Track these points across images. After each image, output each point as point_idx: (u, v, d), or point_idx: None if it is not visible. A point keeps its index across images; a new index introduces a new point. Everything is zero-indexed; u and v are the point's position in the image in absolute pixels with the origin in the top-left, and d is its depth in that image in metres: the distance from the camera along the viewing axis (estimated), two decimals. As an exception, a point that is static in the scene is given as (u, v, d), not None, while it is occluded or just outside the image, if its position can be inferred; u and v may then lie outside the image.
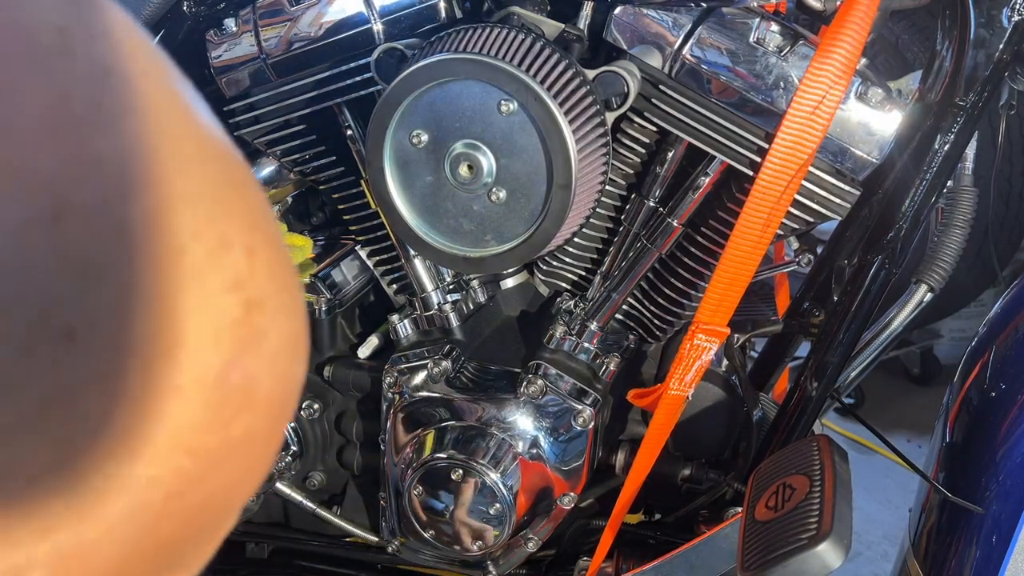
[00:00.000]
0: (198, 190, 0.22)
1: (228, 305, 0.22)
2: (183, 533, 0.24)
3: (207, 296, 0.22)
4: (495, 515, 1.07)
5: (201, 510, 0.24)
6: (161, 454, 0.21)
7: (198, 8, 1.10)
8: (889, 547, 1.96)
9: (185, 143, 0.23)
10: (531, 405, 1.07)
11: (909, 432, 2.27)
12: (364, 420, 1.24)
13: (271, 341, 0.23)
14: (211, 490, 0.23)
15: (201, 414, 0.22)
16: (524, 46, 0.92)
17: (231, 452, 0.23)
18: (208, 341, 0.22)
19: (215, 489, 0.24)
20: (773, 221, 0.93)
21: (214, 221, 0.22)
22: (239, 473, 0.24)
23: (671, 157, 1.02)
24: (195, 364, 0.21)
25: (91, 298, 0.20)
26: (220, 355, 0.22)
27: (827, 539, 0.81)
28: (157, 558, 0.23)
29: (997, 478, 0.86)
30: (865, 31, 0.88)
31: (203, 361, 0.22)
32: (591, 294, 1.11)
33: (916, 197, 0.98)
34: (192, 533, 0.24)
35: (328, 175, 1.16)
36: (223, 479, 0.24)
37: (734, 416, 1.12)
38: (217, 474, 0.23)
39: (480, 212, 0.97)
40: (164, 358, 0.21)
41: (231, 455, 0.23)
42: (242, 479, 0.25)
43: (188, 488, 0.22)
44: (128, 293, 0.20)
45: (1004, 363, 0.94)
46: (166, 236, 0.21)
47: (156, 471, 0.21)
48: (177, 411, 0.21)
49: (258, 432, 0.24)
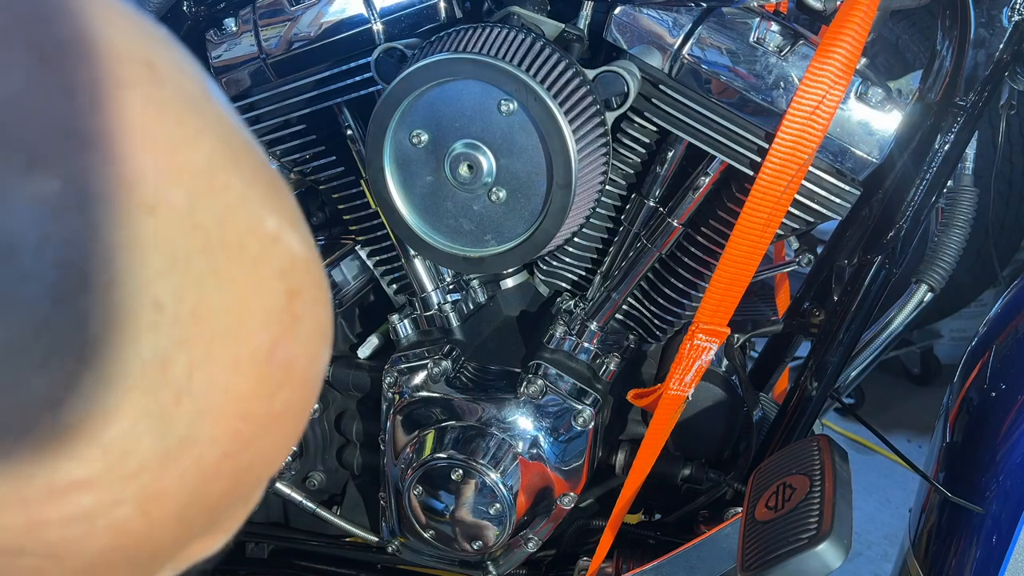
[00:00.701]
0: (253, 190, 0.25)
1: (276, 291, 0.25)
2: (229, 493, 0.26)
3: (261, 282, 0.25)
4: (495, 515, 1.07)
5: (245, 473, 0.27)
6: (224, 417, 0.24)
7: (198, 8, 1.10)
8: (889, 547, 1.96)
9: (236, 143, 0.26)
10: (531, 405, 1.07)
11: (909, 432, 2.27)
12: (364, 420, 1.24)
13: (306, 326, 0.27)
14: (254, 456, 0.27)
15: (254, 385, 0.25)
16: (524, 46, 0.92)
17: (273, 422, 0.26)
18: (261, 322, 0.25)
19: (257, 455, 0.27)
20: (773, 221, 0.93)
21: (266, 218, 0.25)
22: (277, 442, 0.27)
23: (671, 157, 1.02)
24: (252, 341, 0.25)
25: (177, 283, 0.23)
26: (270, 334, 0.25)
27: (827, 539, 0.81)
28: (207, 513, 0.26)
29: (997, 478, 0.86)
30: (865, 31, 0.88)
31: (257, 339, 0.25)
32: (591, 294, 1.11)
33: (916, 197, 0.98)
34: (235, 495, 0.27)
35: (328, 175, 1.16)
36: (265, 447, 0.27)
37: (734, 416, 1.12)
38: (261, 441, 0.26)
39: (480, 212, 0.97)
40: (230, 335, 0.24)
41: (272, 425, 0.26)
42: (278, 449, 0.28)
43: (238, 450, 0.26)
44: (203, 279, 0.23)
45: (1004, 363, 0.94)
46: (230, 230, 0.24)
47: (218, 432, 0.25)
48: (237, 381, 0.24)
49: (294, 406, 0.27)
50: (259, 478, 0.28)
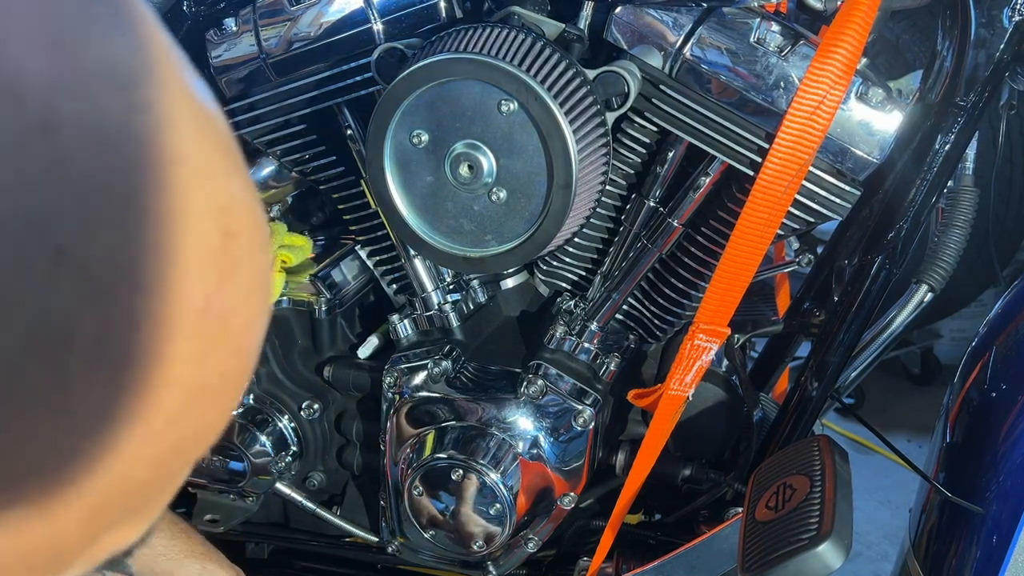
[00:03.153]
0: (184, 113, 0.22)
1: (209, 231, 0.22)
2: (149, 479, 0.23)
3: (191, 220, 0.21)
4: (495, 515, 1.07)
5: (170, 455, 0.23)
6: (147, 381, 0.21)
7: (198, 8, 1.10)
8: (889, 547, 1.96)
9: (168, 66, 0.22)
10: (531, 405, 1.07)
11: (909, 432, 2.27)
12: (364, 420, 1.24)
13: (244, 276, 0.23)
14: (182, 434, 0.23)
15: (183, 345, 0.21)
16: (524, 46, 0.92)
17: (205, 389, 0.23)
18: (193, 267, 0.21)
19: (185, 433, 0.23)
20: (773, 221, 0.93)
21: (199, 145, 0.22)
22: (209, 418, 0.24)
23: (671, 157, 1.02)
24: (182, 291, 0.21)
25: (84, 213, 0.19)
26: (203, 283, 0.22)
27: (827, 539, 0.81)
28: (123, 503, 0.23)
29: (997, 478, 0.86)
30: (866, 31, 0.88)
31: (189, 288, 0.21)
32: (591, 294, 1.11)
33: (916, 197, 0.98)
34: (157, 480, 0.23)
35: (328, 175, 1.16)
36: (194, 423, 0.23)
37: (734, 416, 1.12)
38: (189, 417, 0.23)
39: (480, 212, 0.97)
40: (156, 284, 0.20)
41: (205, 393, 0.23)
42: (210, 426, 0.24)
43: (162, 428, 0.22)
44: (119, 214, 0.20)
45: (1004, 363, 0.94)
46: (157, 155, 0.20)
47: (140, 401, 0.21)
48: (162, 340, 0.21)
49: (229, 374, 0.24)
50: (186, 460, 0.24)
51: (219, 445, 1.20)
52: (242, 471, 1.21)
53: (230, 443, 1.20)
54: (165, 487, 0.25)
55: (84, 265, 0.19)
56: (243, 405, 1.21)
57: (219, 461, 1.22)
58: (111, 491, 0.22)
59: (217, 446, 1.21)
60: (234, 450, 1.20)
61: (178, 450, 0.23)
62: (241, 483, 1.22)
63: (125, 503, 0.23)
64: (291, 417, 1.24)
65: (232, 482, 1.23)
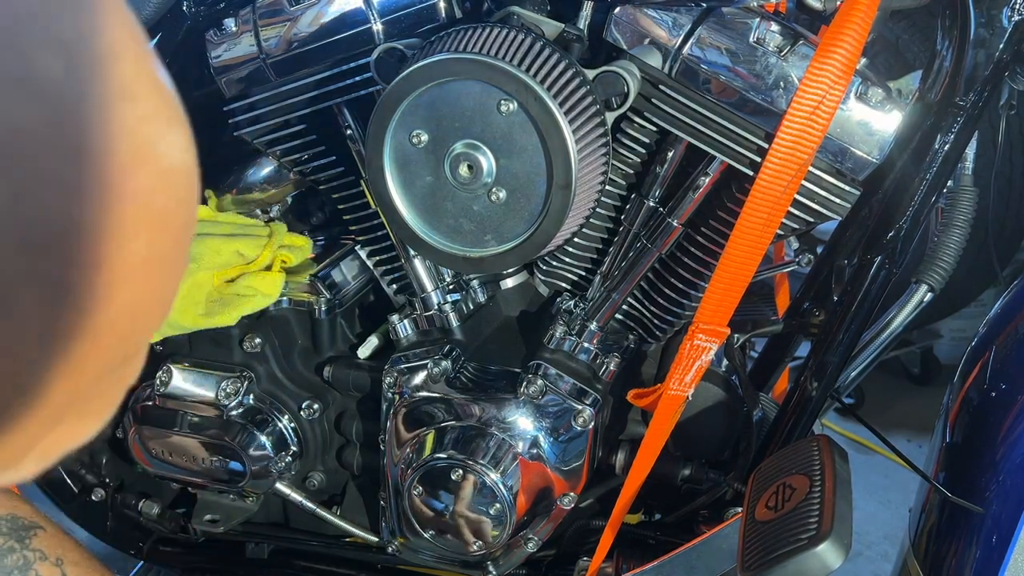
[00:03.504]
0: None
1: (121, 114, 0.22)
2: (98, 363, 0.23)
3: (102, 103, 0.21)
4: (495, 515, 1.07)
5: (115, 334, 0.23)
6: (68, 258, 0.21)
7: (198, 8, 1.10)
8: (889, 547, 1.96)
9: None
10: (531, 405, 1.07)
11: (909, 432, 2.27)
12: (364, 420, 1.24)
13: (162, 157, 0.23)
14: (122, 314, 0.23)
15: (104, 223, 0.21)
16: (524, 46, 0.92)
17: (133, 271, 0.23)
18: (104, 145, 0.21)
19: (125, 313, 0.23)
20: (773, 221, 0.93)
21: (100, 30, 0.22)
22: (145, 295, 0.24)
23: (671, 157, 1.02)
24: (95, 167, 0.21)
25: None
26: (117, 161, 0.21)
27: (827, 539, 0.81)
28: (69, 387, 0.23)
29: (997, 478, 0.86)
30: (865, 31, 0.88)
31: (101, 164, 0.21)
32: (591, 294, 1.11)
33: (916, 197, 0.98)
34: (104, 362, 0.23)
35: (328, 175, 1.16)
36: (131, 301, 0.23)
37: (734, 416, 1.12)
38: (127, 296, 0.23)
39: (480, 212, 0.97)
40: (70, 166, 0.20)
41: (133, 274, 0.23)
42: (148, 304, 0.24)
43: (93, 308, 0.22)
44: (19, 86, 0.19)
45: (1004, 363, 0.94)
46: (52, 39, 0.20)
47: (77, 288, 0.21)
48: (84, 213, 0.21)
49: (156, 253, 0.23)
50: (128, 349, 0.24)
51: (219, 445, 1.20)
52: (242, 471, 1.21)
53: (230, 443, 1.20)
54: (111, 382, 0.24)
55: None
56: (243, 405, 1.21)
57: (219, 461, 1.22)
58: (58, 385, 0.22)
59: (217, 446, 1.21)
60: (234, 450, 1.20)
61: (119, 335, 0.23)
62: (241, 483, 1.22)
63: (73, 395, 0.23)
64: (291, 417, 1.24)
65: (232, 482, 1.23)
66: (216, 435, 1.20)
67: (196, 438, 1.21)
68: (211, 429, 1.21)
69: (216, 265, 1.13)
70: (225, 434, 1.20)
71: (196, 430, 1.21)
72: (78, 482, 1.36)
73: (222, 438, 1.20)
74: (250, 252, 1.15)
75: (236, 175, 1.23)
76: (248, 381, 1.21)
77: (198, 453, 1.22)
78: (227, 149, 1.24)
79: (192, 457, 1.23)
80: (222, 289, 1.14)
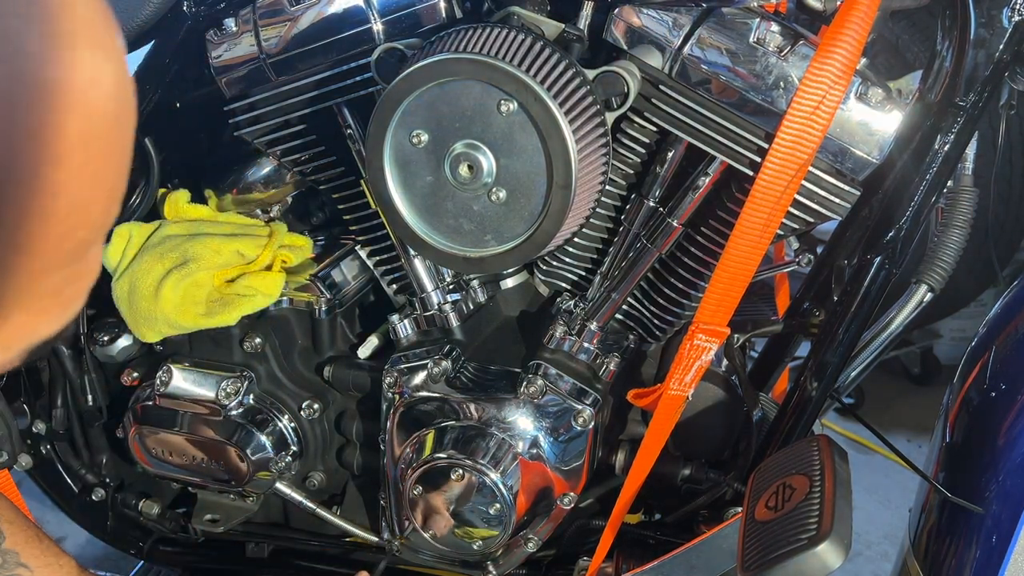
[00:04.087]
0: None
1: (52, 44, 0.22)
2: (50, 254, 0.24)
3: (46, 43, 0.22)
4: (495, 515, 1.07)
5: (53, 222, 0.23)
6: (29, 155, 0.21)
7: (198, 8, 1.10)
8: (889, 547, 1.96)
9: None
10: (531, 405, 1.07)
11: (909, 432, 2.27)
12: (364, 420, 1.24)
13: (90, 45, 0.23)
14: (69, 201, 0.23)
15: (12, 110, 0.22)
16: (524, 46, 0.92)
17: (66, 154, 0.23)
18: (23, 35, 0.21)
19: (72, 201, 0.24)
20: (773, 221, 0.93)
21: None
22: (88, 182, 0.24)
23: (671, 157, 1.02)
24: (15, 57, 0.21)
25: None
26: (39, 47, 0.22)
27: (827, 539, 0.81)
28: (32, 280, 0.23)
29: (997, 478, 0.86)
30: (865, 31, 0.88)
31: (17, 46, 0.21)
32: (591, 294, 1.11)
33: (916, 197, 0.98)
34: (58, 254, 0.24)
35: (328, 175, 1.16)
36: (75, 188, 0.24)
37: (734, 416, 1.12)
38: (62, 191, 0.23)
39: (480, 212, 0.97)
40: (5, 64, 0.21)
41: (72, 159, 0.23)
42: (91, 190, 0.25)
43: (39, 200, 0.22)
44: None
45: (1004, 363, 0.94)
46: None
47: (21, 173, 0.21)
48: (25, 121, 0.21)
49: (88, 137, 0.24)
50: (81, 235, 0.24)
51: (219, 445, 1.20)
52: (242, 471, 1.21)
53: (230, 443, 1.20)
54: (65, 279, 0.25)
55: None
56: (243, 405, 1.21)
57: (219, 461, 1.22)
58: (9, 271, 0.22)
59: (217, 446, 1.21)
60: (234, 450, 1.20)
61: (63, 226, 0.24)
62: (241, 483, 1.22)
63: (26, 286, 0.24)
64: (291, 417, 1.24)
65: (232, 482, 1.23)
66: (216, 435, 1.20)
67: (196, 438, 1.21)
68: (211, 429, 1.21)
69: (216, 265, 1.13)
70: (225, 434, 1.20)
71: (196, 430, 1.21)
72: (78, 482, 1.36)
73: (222, 438, 1.20)
74: (250, 252, 1.15)
75: (236, 175, 1.23)
76: (248, 381, 1.21)
77: (198, 453, 1.22)
78: (227, 149, 1.24)
79: (192, 457, 1.23)
80: (222, 289, 1.14)
